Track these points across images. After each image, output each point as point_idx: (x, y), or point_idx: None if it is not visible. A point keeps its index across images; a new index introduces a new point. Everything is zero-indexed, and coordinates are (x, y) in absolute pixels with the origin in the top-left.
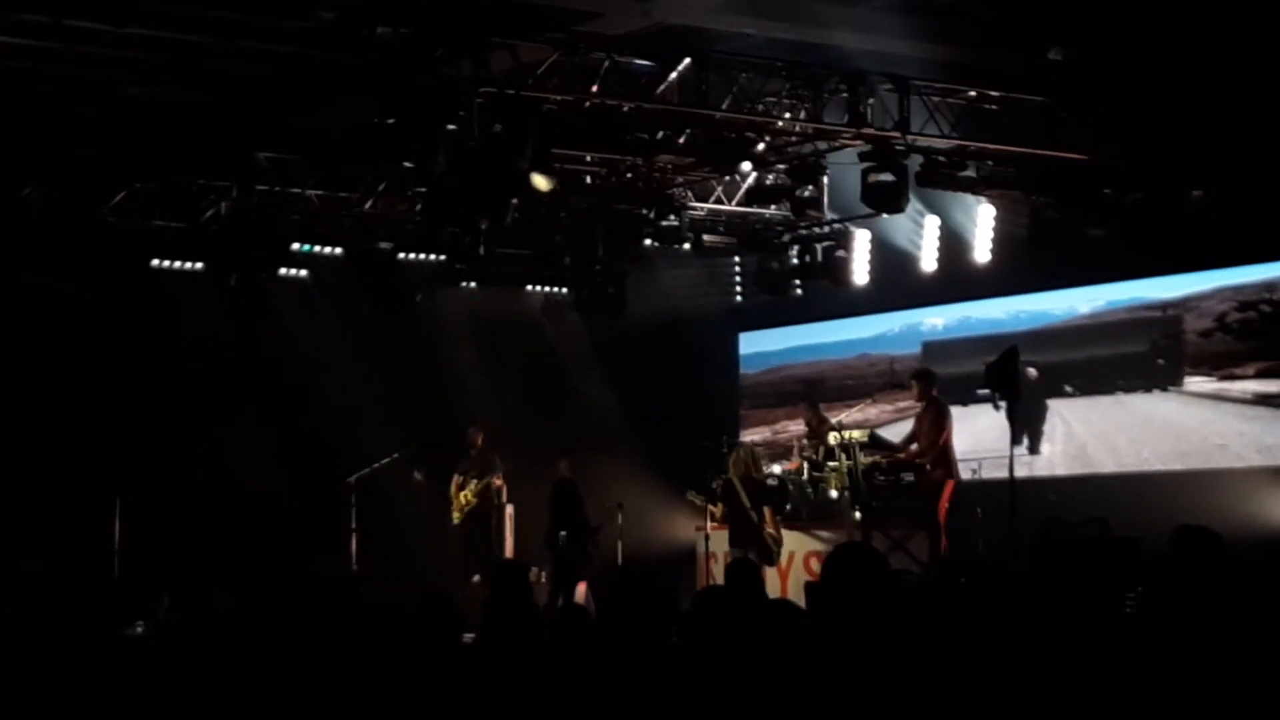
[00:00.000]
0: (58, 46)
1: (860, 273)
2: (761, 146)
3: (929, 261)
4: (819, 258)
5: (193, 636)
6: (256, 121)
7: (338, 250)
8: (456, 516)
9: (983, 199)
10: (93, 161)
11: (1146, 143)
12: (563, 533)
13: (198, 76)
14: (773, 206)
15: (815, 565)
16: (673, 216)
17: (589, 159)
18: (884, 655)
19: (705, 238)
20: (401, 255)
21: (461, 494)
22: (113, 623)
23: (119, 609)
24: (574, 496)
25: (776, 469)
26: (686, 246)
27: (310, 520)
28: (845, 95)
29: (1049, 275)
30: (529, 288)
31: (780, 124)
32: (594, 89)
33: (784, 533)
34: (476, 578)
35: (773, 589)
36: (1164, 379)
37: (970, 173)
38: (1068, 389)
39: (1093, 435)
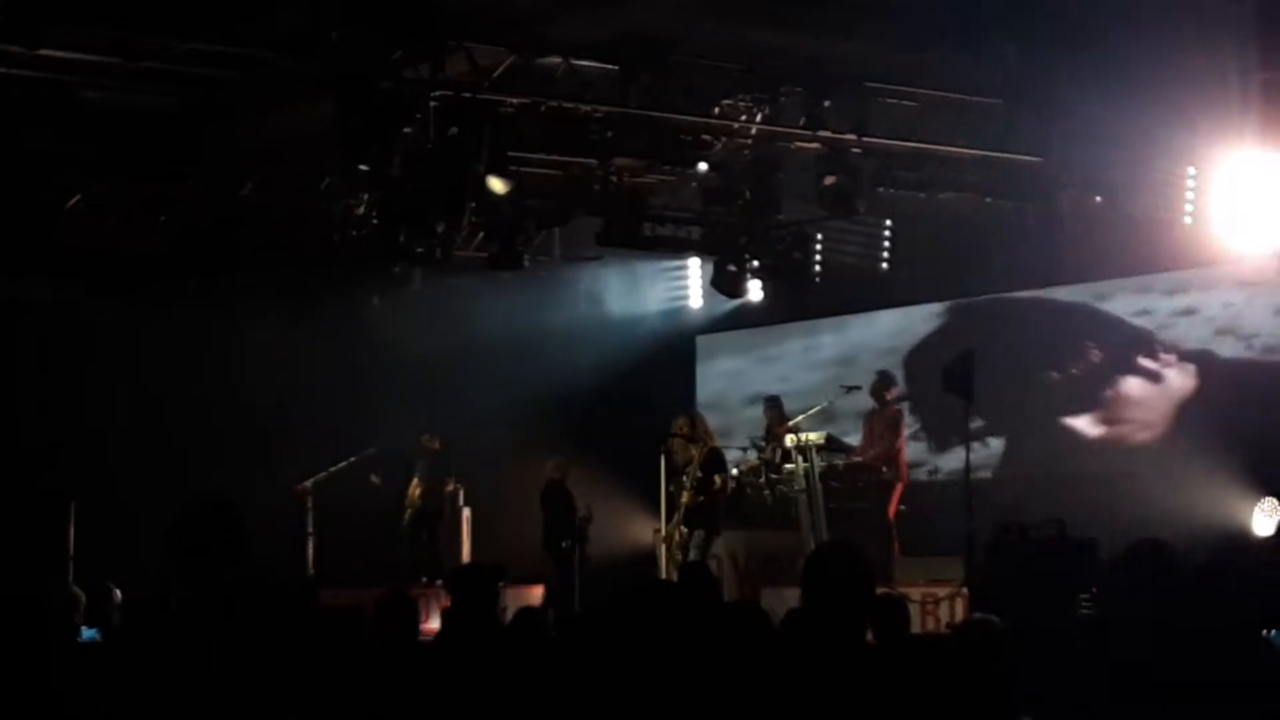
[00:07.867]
0: (14, 49)
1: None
2: (718, 148)
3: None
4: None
5: (150, 643)
6: (212, 126)
7: (294, 254)
8: (408, 515)
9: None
10: (47, 165)
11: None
12: (565, 543)
13: (154, 80)
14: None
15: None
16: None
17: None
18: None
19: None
20: (357, 258)
21: (411, 494)
22: (68, 628)
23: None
24: (564, 497)
25: (734, 470)
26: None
27: (267, 525)
28: (802, 96)
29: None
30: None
31: (736, 126)
32: (551, 92)
33: (739, 534)
34: (424, 579)
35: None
36: None
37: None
38: None
39: None
